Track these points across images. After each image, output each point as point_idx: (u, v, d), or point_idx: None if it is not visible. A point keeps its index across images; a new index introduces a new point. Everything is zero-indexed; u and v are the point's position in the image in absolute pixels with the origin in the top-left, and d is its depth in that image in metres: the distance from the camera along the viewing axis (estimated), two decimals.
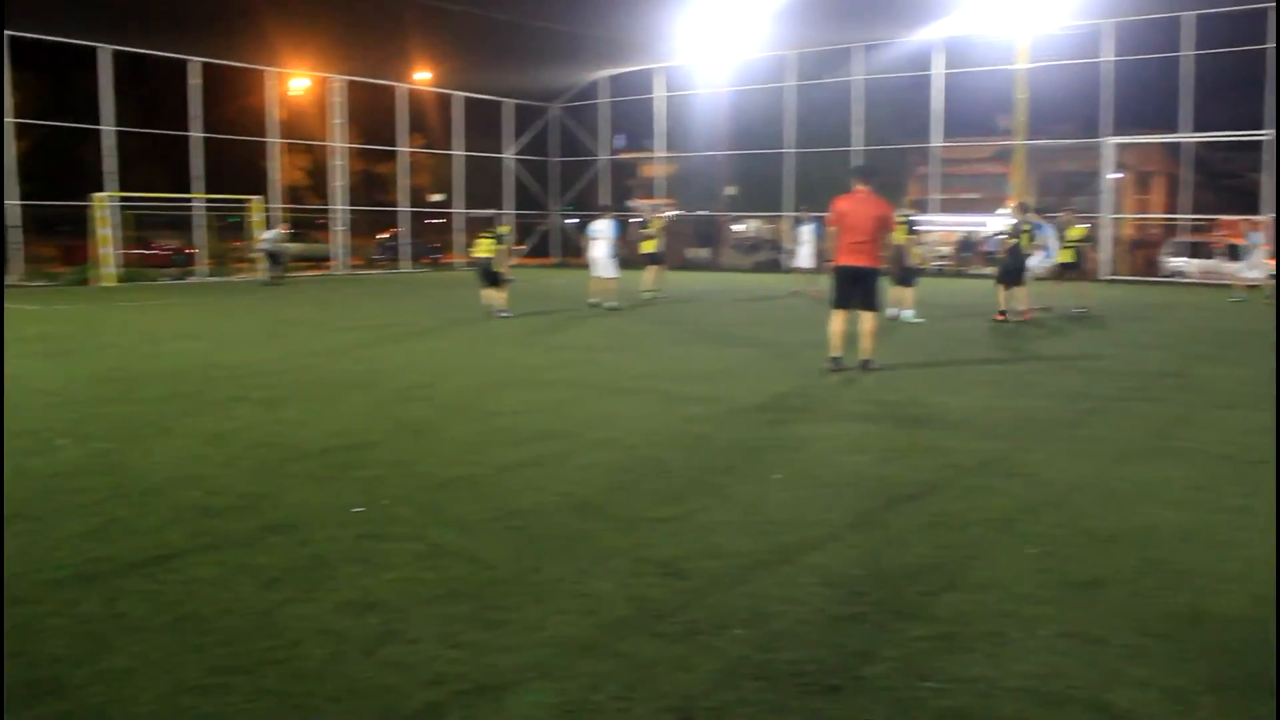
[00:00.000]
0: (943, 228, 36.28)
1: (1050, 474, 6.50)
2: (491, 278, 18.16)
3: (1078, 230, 19.47)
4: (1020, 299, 17.04)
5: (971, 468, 6.68)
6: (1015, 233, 17.26)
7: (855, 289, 10.93)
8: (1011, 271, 17.02)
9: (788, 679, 3.54)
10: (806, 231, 23.98)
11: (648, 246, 23.05)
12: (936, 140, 33.84)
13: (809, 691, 3.45)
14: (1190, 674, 3.57)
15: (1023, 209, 18.53)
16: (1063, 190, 37.51)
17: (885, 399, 9.45)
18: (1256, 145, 29.99)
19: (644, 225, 24.07)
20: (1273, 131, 28.83)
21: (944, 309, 19.27)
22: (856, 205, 10.87)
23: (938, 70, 33.56)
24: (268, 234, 29.32)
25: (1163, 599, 4.29)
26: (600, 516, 5.49)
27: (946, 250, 36.64)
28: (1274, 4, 27.82)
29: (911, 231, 17.03)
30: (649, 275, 22.71)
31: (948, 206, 35.64)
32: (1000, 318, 16.80)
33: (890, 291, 16.74)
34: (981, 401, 9.33)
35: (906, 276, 16.94)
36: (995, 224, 34.84)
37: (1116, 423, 8.35)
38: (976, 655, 3.73)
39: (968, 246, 36.14)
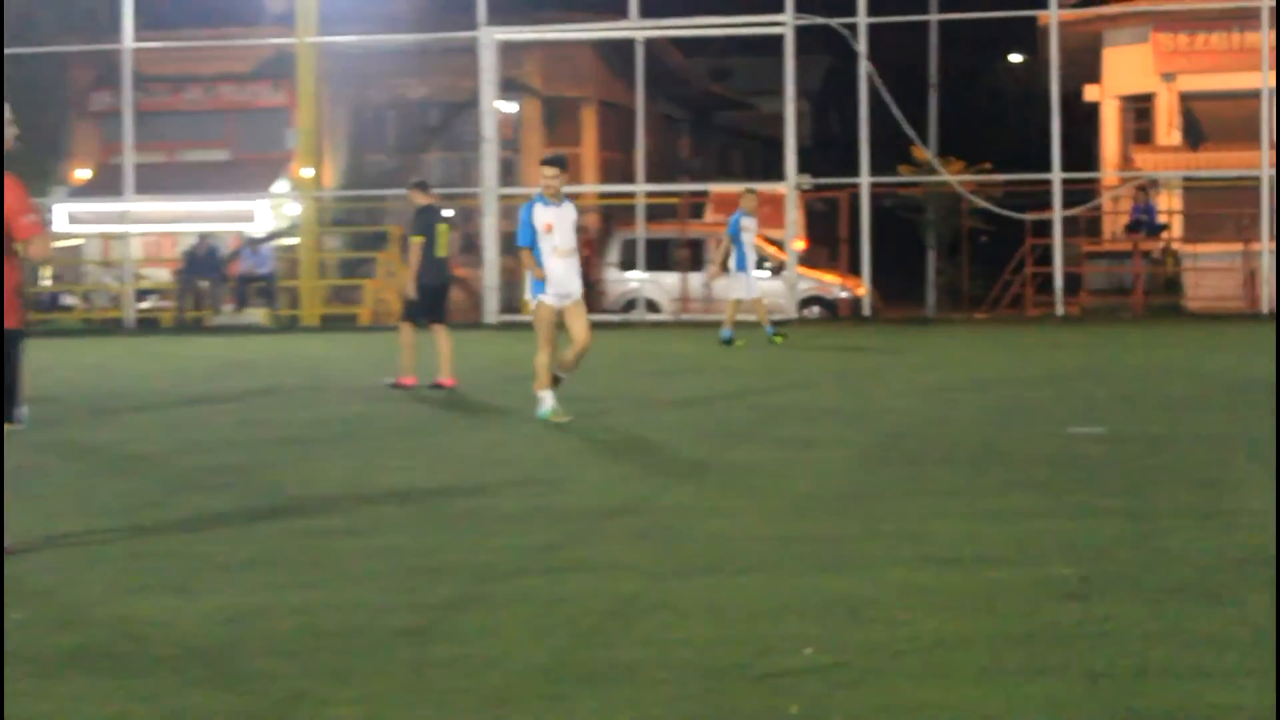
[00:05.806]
0: (147, 227, 34.52)
1: None
2: None
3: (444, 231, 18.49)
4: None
5: None
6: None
7: None
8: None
9: None
10: None
11: None
12: (128, 40, 31.56)
13: None
14: None
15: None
16: (418, 145, 37.31)
17: None
18: (770, 45, 29.58)
19: None
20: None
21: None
22: None
23: None
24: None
25: None
26: None
27: (156, 279, 35.06)
28: None
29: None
30: None
31: (171, 181, 33.38)
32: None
33: None
34: None
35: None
36: (267, 215, 34.32)
37: None
38: None
39: (201, 266, 32.67)
